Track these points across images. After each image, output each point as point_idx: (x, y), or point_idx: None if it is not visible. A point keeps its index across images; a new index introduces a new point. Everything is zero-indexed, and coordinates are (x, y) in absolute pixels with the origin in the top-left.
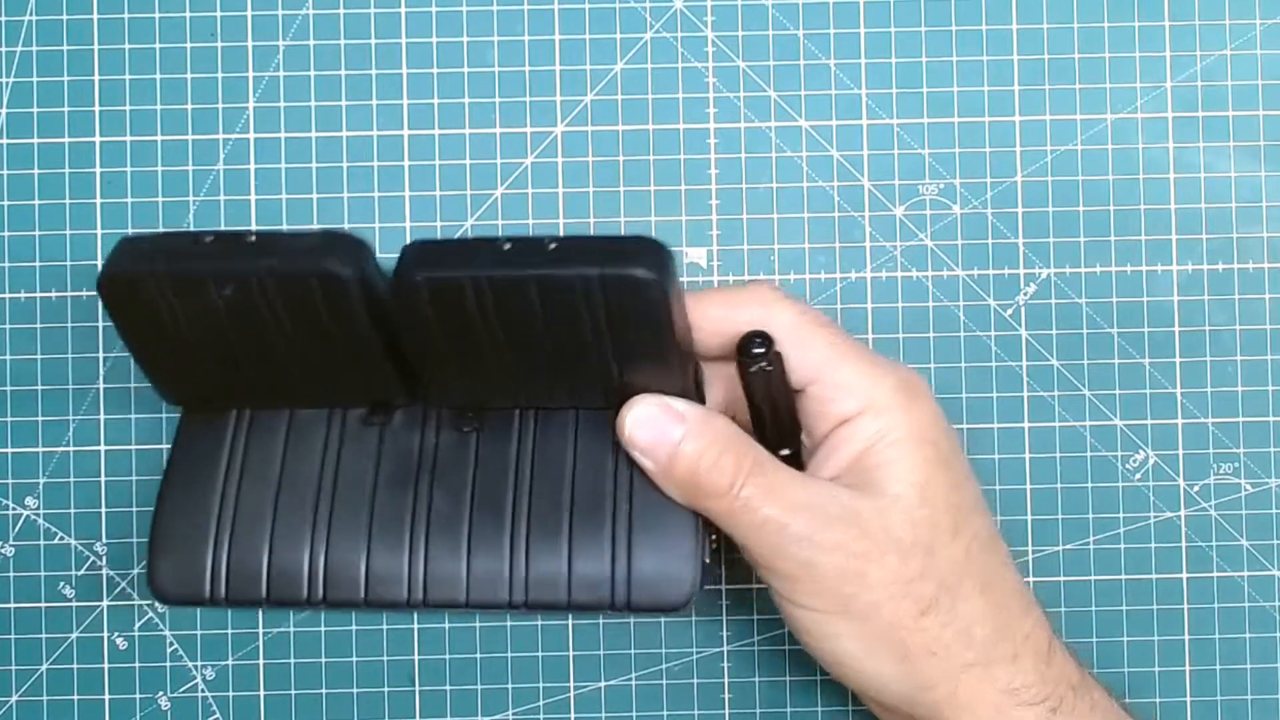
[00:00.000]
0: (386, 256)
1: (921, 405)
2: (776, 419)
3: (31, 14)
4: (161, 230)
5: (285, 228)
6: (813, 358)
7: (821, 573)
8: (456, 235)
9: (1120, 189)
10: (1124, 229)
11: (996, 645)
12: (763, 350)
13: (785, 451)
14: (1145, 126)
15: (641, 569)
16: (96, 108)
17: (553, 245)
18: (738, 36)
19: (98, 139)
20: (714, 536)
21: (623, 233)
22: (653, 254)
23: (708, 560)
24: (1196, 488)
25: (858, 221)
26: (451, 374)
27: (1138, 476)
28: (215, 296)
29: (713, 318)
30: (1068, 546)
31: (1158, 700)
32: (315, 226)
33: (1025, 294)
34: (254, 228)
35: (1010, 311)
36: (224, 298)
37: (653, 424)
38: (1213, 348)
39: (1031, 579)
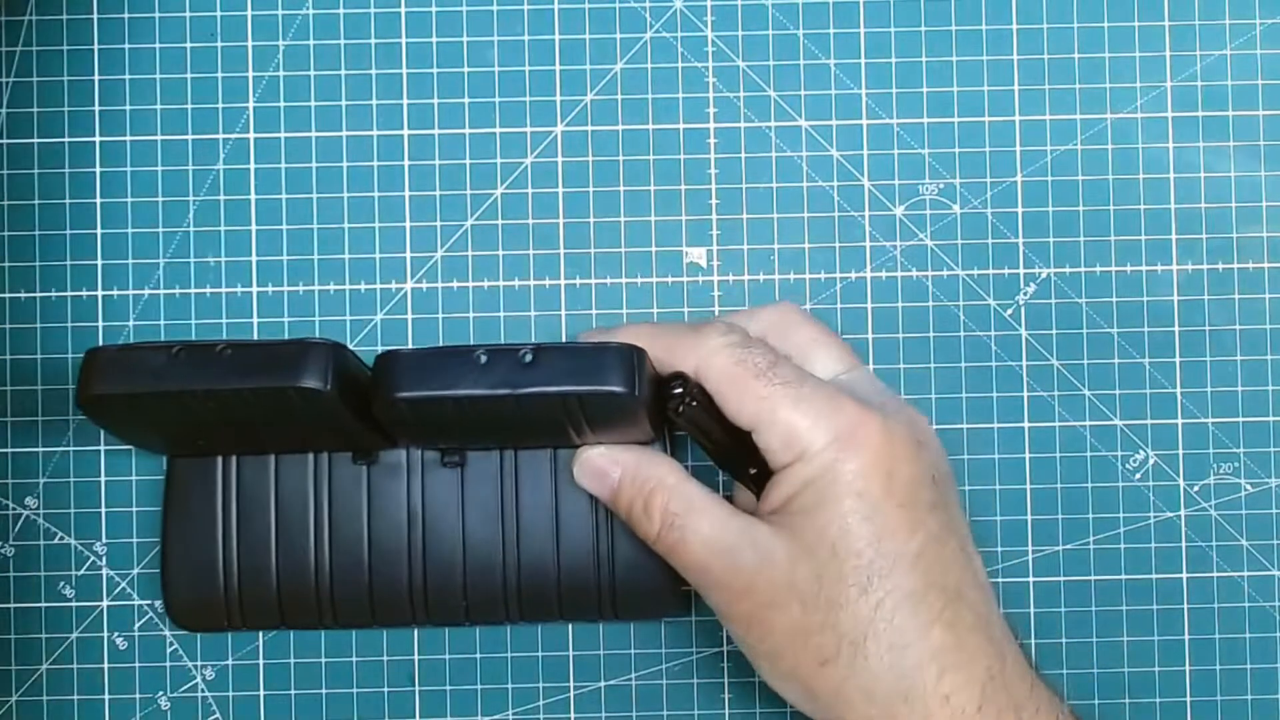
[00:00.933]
0: (387, 256)
1: (858, 452)
2: (721, 447)
3: (31, 14)
4: (129, 344)
5: (255, 340)
6: (748, 410)
7: (734, 615)
8: (456, 235)
9: (1120, 189)
10: (1124, 229)
11: (902, 705)
12: (680, 390)
13: (753, 470)
14: (1145, 126)
15: (626, 581)
16: (96, 108)
17: (528, 357)
18: (738, 36)
19: (98, 139)
20: None
21: (595, 342)
22: (626, 366)
23: None
24: (1196, 488)
25: (858, 221)
26: (433, 442)
27: (1138, 476)
28: (197, 406)
29: (657, 358)
30: (1068, 546)
31: (1158, 700)
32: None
33: (1025, 294)
34: (225, 339)
35: (1010, 311)
36: (207, 407)
37: (594, 474)
38: (1213, 348)
39: (1031, 579)
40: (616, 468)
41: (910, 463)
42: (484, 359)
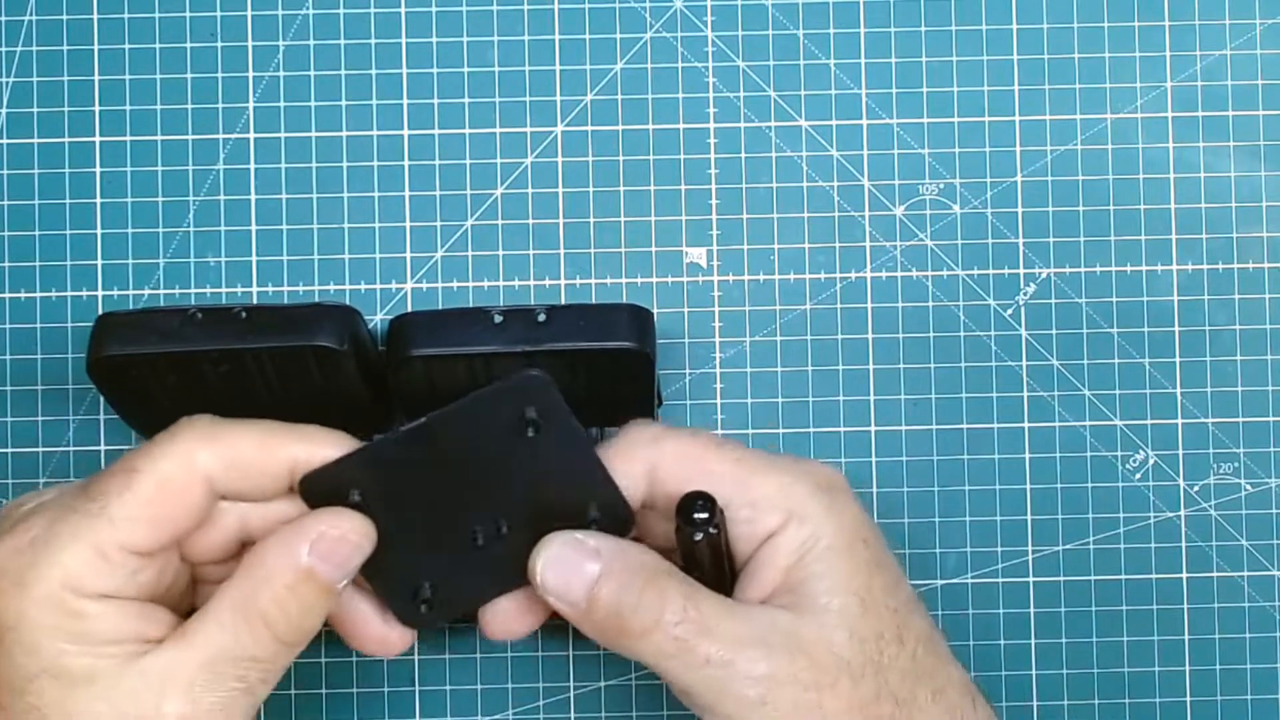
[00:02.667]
0: (387, 256)
1: (844, 504)
2: (718, 575)
3: (31, 14)
4: (141, 308)
5: (271, 303)
6: (720, 481)
7: (777, 711)
8: (456, 235)
9: (1120, 189)
10: (1124, 229)
11: None
12: (706, 516)
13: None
14: (1145, 126)
15: None
16: (96, 108)
17: (542, 316)
18: (738, 36)
19: (98, 139)
20: None
21: (606, 301)
22: (636, 323)
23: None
24: (1196, 488)
25: (858, 221)
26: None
27: (1138, 476)
28: (208, 371)
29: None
30: (1068, 546)
31: (1158, 700)
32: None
33: (1025, 294)
34: (242, 304)
35: (1010, 311)
36: (218, 372)
37: (564, 566)
38: (1213, 348)
39: (1031, 579)
40: (595, 557)
41: (865, 510)
42: (499, 319)
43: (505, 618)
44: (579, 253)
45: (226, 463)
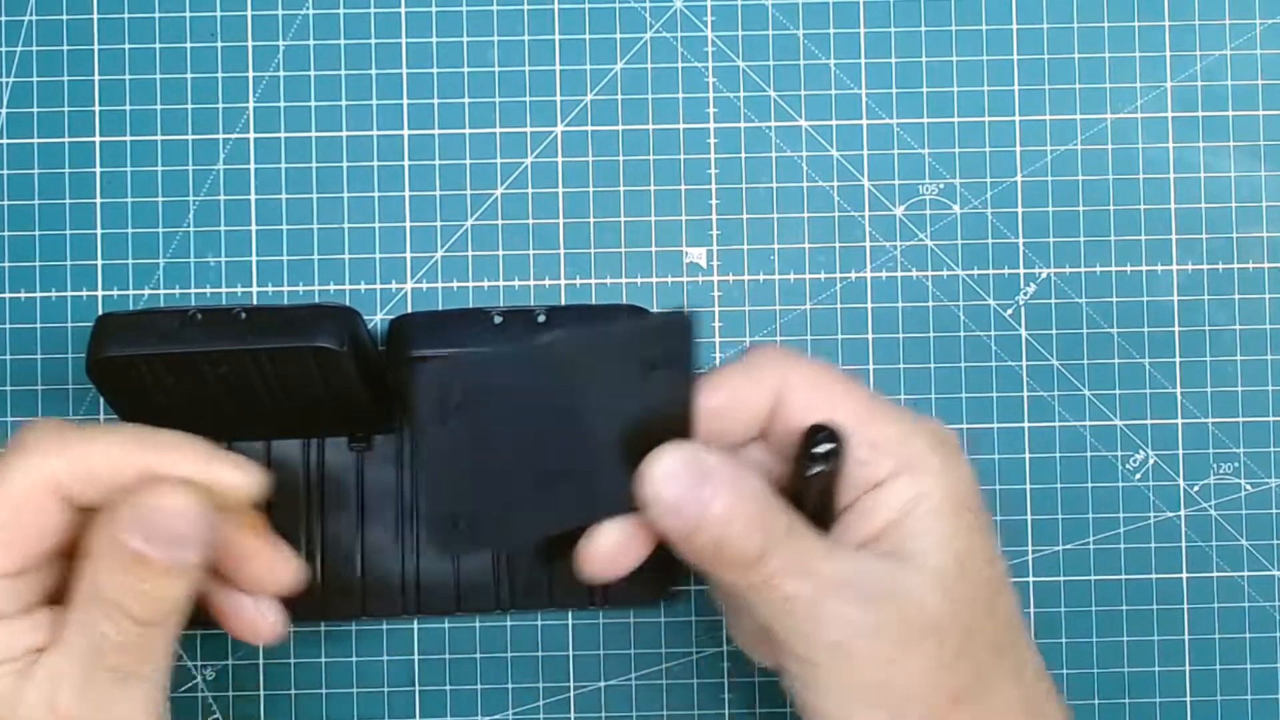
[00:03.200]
0: (387, 256)
1: (959, 465)
2: (820, 513)
3: (31, 14)
4: (141, 309)
5: (271, 303)
6: (845, 418)
7: (854, 660)
8: (456, 235)
9: (1120, 189)
10: (1124, 229)
11: None
12: (831, 448)
13: None
14: (1145, 126)
15: None
16: (96, 108)
17: (541, 317)
18: (738, 36)
19: (98, 139)
20: None
21: (604, 303)
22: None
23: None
24: (1196, 488)
25: (858, 221)
26: None
27: (1138, 476)
28: (207, 372)
29: (735, 396)
30: (1068, 546)
31: (1158, 700)
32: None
33: (1025, 294)
34: (241, 305)
35: (1010, 311)
36: (217, 373)
37: (680, 481)
38: (1213, 348)
39: (1031, 579)
40: (710, 478)
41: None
42: (499, 319)
43: (609, 553)
44: (579, 253)
45: (79, 475)
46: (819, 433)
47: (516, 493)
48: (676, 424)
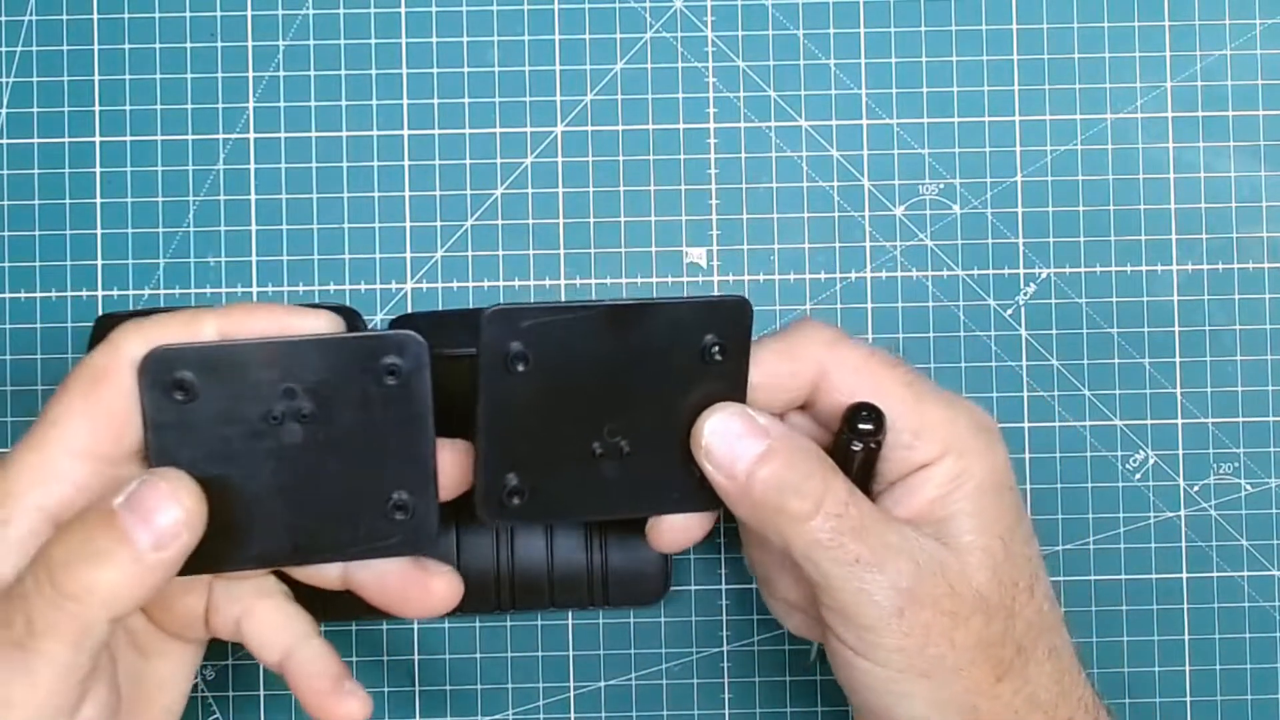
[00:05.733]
0: (387, 256)
1: (998, 448)
2: (862, 488)
3: (31, 14)
4: (141, 309)
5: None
6: (890, 401)
7: (907, 629)
8: (456, 235)
9: (1120, 189)
10: (1124, 229)
11: (1058, 709)
12: (872, 428)
13: None
14: (1145, 126)
15: (618, 569)
16: (96, 108)
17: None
18: (738, 36)
19: (98, 139)
20: None
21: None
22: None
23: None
24: (1196, 488)
25: (858, 221)
26: None
27: (1138, 476)
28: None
29: (775, 372)
30: (1068, 546)
31: (1158, 700)
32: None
33: (1025, 294)
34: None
35: (1010, 311)
36: None
37: (732, 436)
38: (1213, 348)
39: None
40: (765, 435)
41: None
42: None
43: (678, 524)
44: (579, 253)
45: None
46: (861, 410)
47: (573, 467)
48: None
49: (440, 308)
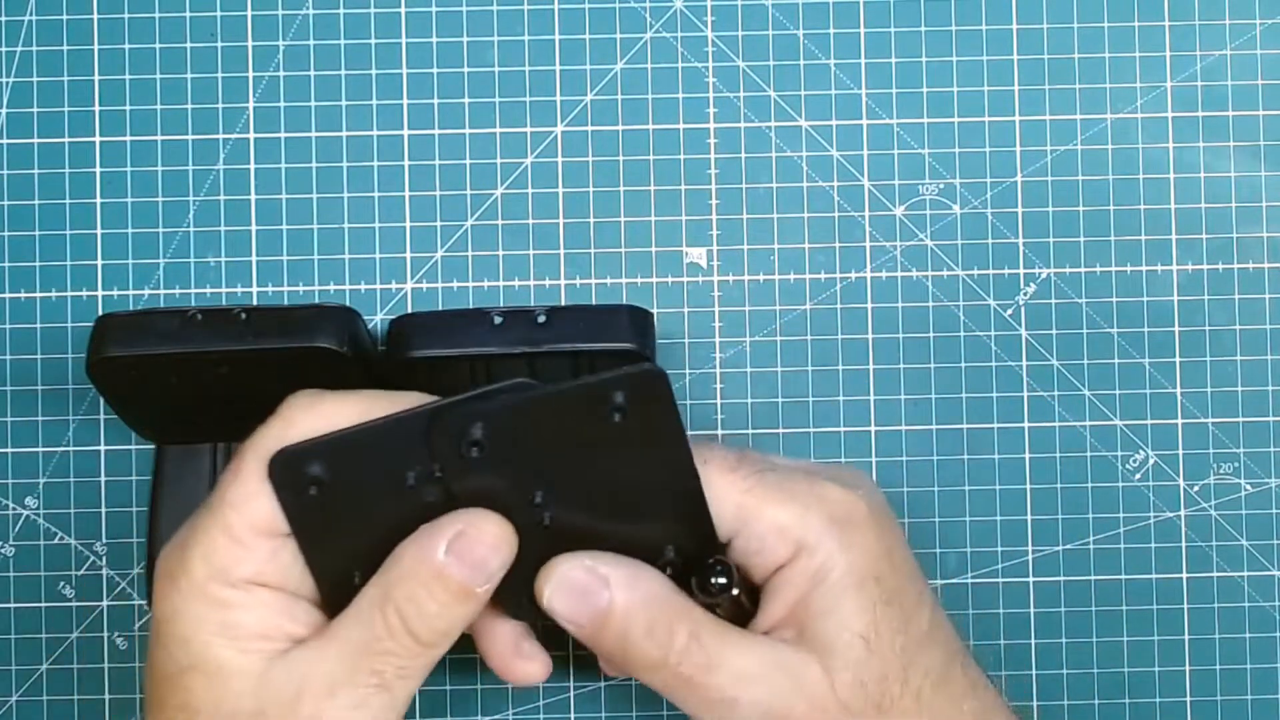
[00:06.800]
0: (387, 256)
1: (859, 534)
2: (737, 608)
3: (31, 14)
4: (141, 309)
5: (271, 304)
6: (729, 509)
7: None
8: (456, 235)
9: (1120, 189)
10: (1124, 229)
11: None
12: (725, 581)
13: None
14: (1145, 126)
15: None
16: (96, 108)
17: (542, 318)
18: (738, 36)
19: (98, 139)
20: None
21: (605, 303)
22: (637, 325)
23: None
24: (1196, 488)
25: (858, 221)
26: None
27: (1138, 476)
28: (207, 372)
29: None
30: (1068, 546)
31: (1158, 700)
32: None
33: (1025, 294)
34: (242, 305)
35: (1010, 311)
36: (218, 373)
37: (573, 590)
38: (1213, 348)
39: (1031, 579)
40: (605, 585)
41: (896, 532)
42: (499, 320)
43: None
44: (579, 253)
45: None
46: (714, 567)
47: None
48: (677, 510)
49: (440, 308)
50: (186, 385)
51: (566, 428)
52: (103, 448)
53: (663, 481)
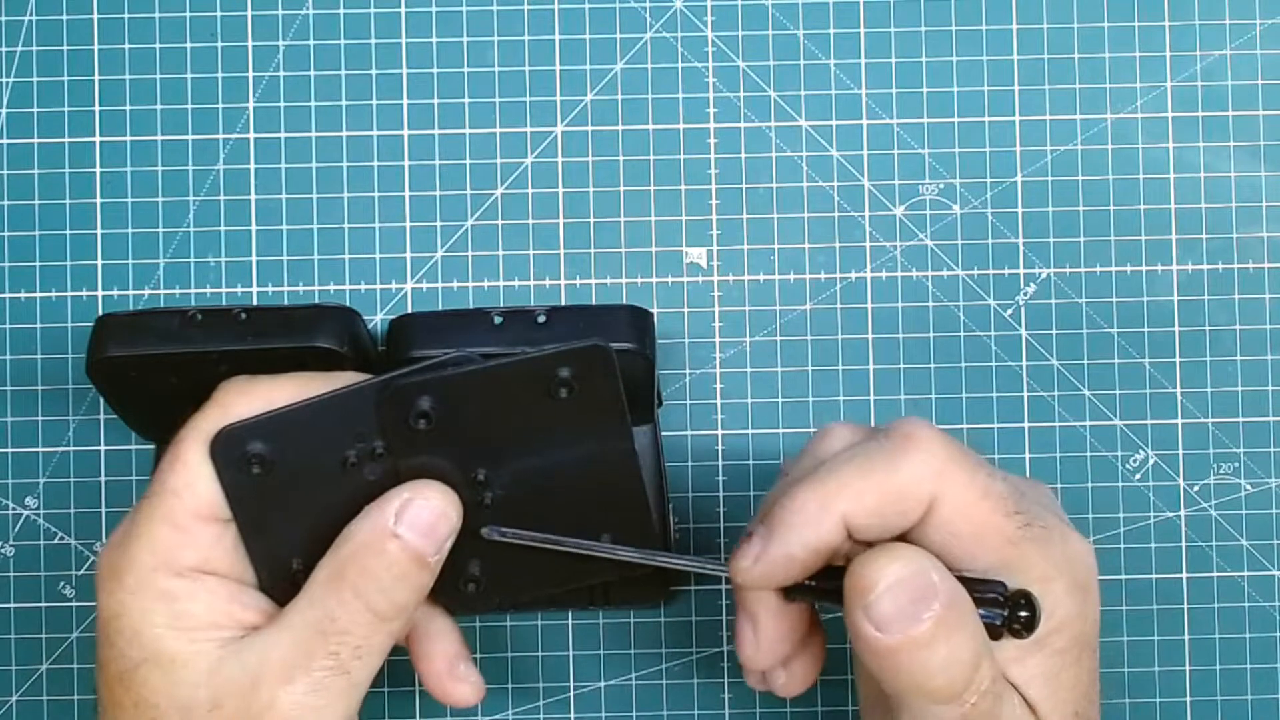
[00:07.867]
0: (387, 256)
1: (1089, 608)
2: None
3: (31, 14)
4: (141, 309)
5: (271, 304)
6: (990, 554)
7: None
8: (456, 235)
9: (1120, 189)
10: (1124, 229)
11: None
12: (1030, 615)
13: None
14: (1145, 126)
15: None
16: (96, 108)
17: (542, 318)
18: (738, 36)
19: (98, 139)
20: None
21: (604, 303)
22: (636, 324)
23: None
24: (1196, 488)
25: (858, 221)
26: None
27: (1138, 476)
28: (208, 372)
29: (882, 512)
30: None
31: (1158, 700)
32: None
33: (1025, 294)
34: (242, 305)
35: (1010, 311)
36: (218, 373)
37: (904, 595)
38: (1213, 348)
39: None
40: (934, 596)
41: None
42: (499, 320)
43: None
44: (579, 253)
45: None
46: (1021, 600)
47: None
48: (622, 472)
49: (440, 308)
50: (187, 385)
51: (513, 402)
52: (103, 448)
53: (604, 468)
